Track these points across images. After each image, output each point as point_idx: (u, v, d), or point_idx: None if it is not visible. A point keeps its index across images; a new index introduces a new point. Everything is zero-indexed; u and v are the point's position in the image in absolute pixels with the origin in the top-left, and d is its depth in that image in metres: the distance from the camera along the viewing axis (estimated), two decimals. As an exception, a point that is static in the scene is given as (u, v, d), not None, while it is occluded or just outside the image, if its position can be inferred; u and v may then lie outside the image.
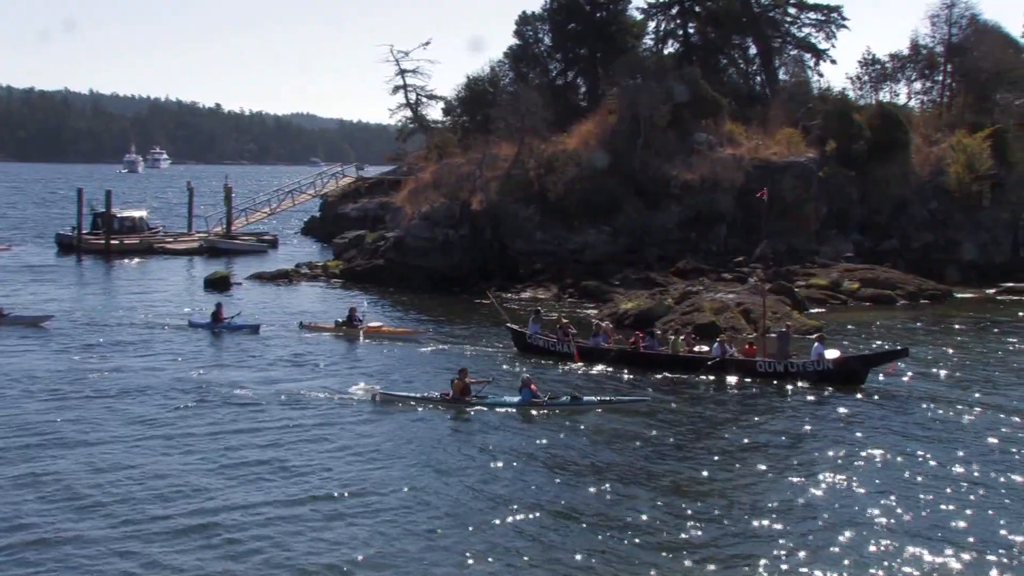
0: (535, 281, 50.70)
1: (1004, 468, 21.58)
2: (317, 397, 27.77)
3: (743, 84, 70.03)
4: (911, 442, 23.59)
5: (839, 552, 17.07)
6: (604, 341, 34.17)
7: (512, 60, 68.17)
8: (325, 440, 23.64)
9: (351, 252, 59.58)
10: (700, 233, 54.26)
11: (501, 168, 55.28)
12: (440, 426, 25.46)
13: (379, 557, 16.88)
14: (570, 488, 20.49)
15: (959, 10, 68.68)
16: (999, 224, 57.99)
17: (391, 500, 19.63)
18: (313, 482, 20.55)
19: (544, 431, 24.83)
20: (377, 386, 28.26)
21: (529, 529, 18.15)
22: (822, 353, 30.70)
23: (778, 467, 21.86)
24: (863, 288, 48.77)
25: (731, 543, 17.50)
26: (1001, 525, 18.15)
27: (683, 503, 19.39)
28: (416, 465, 21.88)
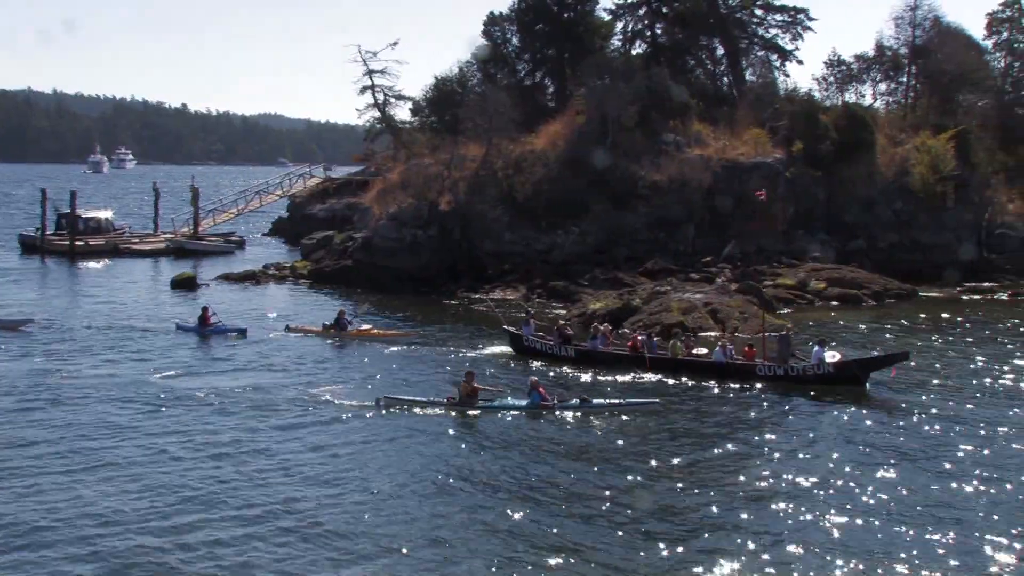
0: (503, 281, 50.65)
1: (994, 479, 21.40)
2: (316, 401, 27.42)
3: (710, 85, 70.32)
4: (909, 450, 23.40)
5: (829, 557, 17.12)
6: (602, 344, 33.90)
7: (480, 60, 68.12)
8: (325, 445, 23.44)
9: (319, 253, 59.36)
10: (668, 233, 54.42)
11: (469, 168, 55.22)
12: (444, 430, 25.11)
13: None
14: (563, 489, 20.49)
15: (923, 12, 69.40)
16: (963, 224, 58.55)
17: (400, 498, 19.77)
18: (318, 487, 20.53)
19: (555, 434, 24.76)
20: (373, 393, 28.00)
21: (527, 532, 18.16)
22: (822, 356, 30.55)
23: (778, 474, 21.55)
24: (830, 288, 49.10)
25: (718, 547, 17.47)
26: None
27: (678, 507, 19.39)
28: (400, 469, 21.75)
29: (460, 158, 55.78)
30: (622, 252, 52.93)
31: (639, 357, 32.65)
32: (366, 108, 71.67)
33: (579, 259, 52.23)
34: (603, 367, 32.47)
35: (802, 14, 71.46)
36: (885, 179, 58.88)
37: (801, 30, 71.85)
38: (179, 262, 62.04)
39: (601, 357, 33.21)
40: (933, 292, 51.64)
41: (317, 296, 49.94)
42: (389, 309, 45.84)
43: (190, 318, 39.69)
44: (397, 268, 51.76)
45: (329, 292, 50.85)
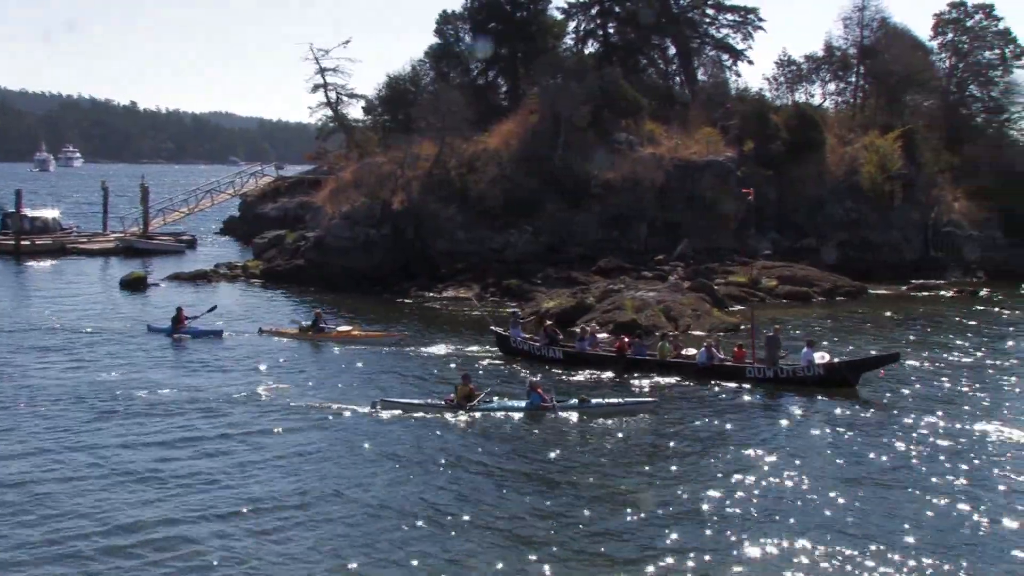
0: (457, 280, 50.61)
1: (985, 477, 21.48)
2: (303, 404, 26.97)
3: (663, 84, 70.75)
4: (894, 457, 23.09)
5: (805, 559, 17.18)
6: (589, 346, 33.57)
7: (433, 59, 68.04)
8: (316, 450, 23.11)
9: (271, 252, 58.96)
10: (621, 232, 54.68)
11: (422, 167, 55.12)
12: (441, 432, 24.81)
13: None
14: (542, 493, 20.42)
15: (870, 13, 70.40)
16: (910, 223, 59.41)
17: (385, 502, 19.64)
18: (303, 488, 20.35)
19: (550, 435, 24.73)
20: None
21: (508, 530, 18.17)
22: (812, 358, 30.32)
23: (764, 475, 21.47)
24: (781, 285, 49.62)
25: (696, 548, 17.47)
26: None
27: (663, 509, 19.35)
28: (383, 473, 21.57)
29: (413, 157, 55.65)
30: (575, 251, 53.12)
31: (627, 359, 32.39)
32: (318, 106, 71.39)
33: (532, 258, 52.34)
34: (591, 368, 32.19)
35: (752, 14, 72.34)
36: (835, 178, 59.64)
37: (752, 30, 72.77)
38: (129, 262, 61.26)
39: (589, 358, 32.88)
40: (882, 290, 52.33)
41: (270, 295, 49.57)
42: (342, 308, 45.61)
43: (162, 319, 38.95)
44: (350, 267, 51.54)
45: (282, 291, 50.52)
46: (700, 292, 44.56)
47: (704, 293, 44.52)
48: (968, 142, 67.49)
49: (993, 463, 22.57)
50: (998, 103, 71.60)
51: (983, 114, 72.30)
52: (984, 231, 61.47)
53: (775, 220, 58.54)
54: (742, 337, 35.64)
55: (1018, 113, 71.33)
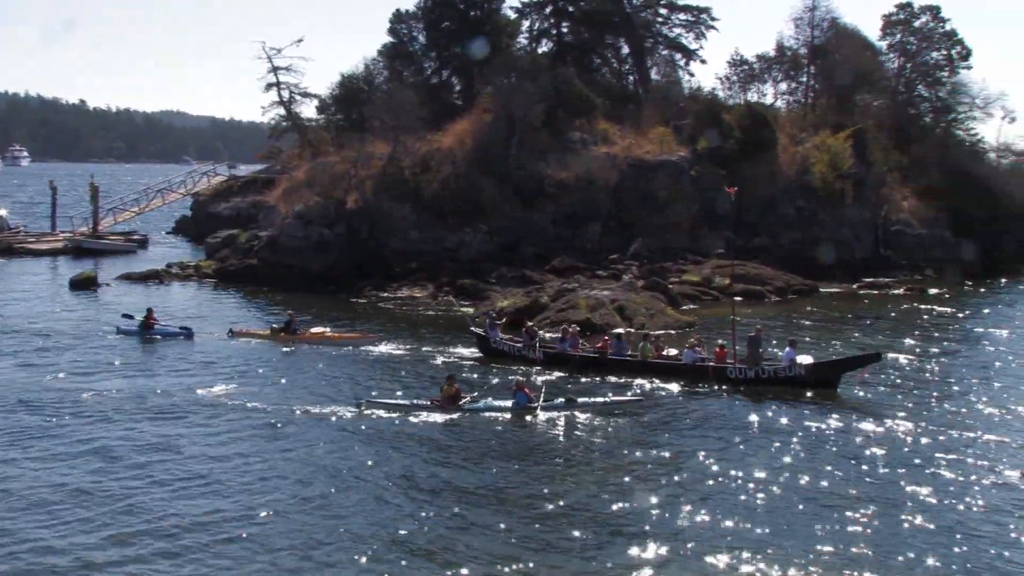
0: (411, 280, 50.50)
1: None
2: (284, 406, 26.63)
3: (616, 83, 71.00)
4: (877, 456, 23.09)
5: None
6: (571, 347, 33.19)
7: (386, 58, 67.80)
8: (305, 453, 22.88)
9: (224, 251, 58.51)
10: (575, 231, 54.84)
11: (376, 167, 54.95)
12: (425, 433, 24.68)
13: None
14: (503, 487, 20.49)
15: (820, 13, 71.12)
16: (861, 222, 60.07)
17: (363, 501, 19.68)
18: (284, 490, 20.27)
19: (538, 434, 24.74)
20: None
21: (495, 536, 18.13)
22: (794, 358, 30.26)
23: (735, 481, 21.34)
24: (734, 284, 49.96)
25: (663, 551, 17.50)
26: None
27: (646, 508, 19.38)
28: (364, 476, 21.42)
29: (367, 156, 55.47)
30: (529, 250, 53.19)
31: (608, 360, 32.15)
32: (271, 105, 70.69)
33: (487, 257, 52.35)
34: (572, 369, 31.92)
35: (705, 14, 72.88)
36: (787, 177, 60.13)
37: (704, 29, 73.27)
38: (78, 261, 60.42)
39: (570, 359, 32.60)
40: (833, 288, 52.87)
41: (223, 295, 49.15)
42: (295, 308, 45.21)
43: (132, 319, 38.19)
44: (304, 267, 51.28)
45: (235, 291, 50.12)
46: (654, 291, 44.84)
47: (658, 292, 44.80)
48: (916, 142, 68.42)
49: (972, 466, 22.47)
50: (945, 103, 72.66)
51: (931, 114, 73.33)
52: (933, 230, 62.29)
53: (728, 219, 58.89)
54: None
55: (965, 113, 72.44)
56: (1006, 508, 19.82)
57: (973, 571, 16.93)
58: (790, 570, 16.66)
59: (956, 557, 17.39)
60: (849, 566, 16.87)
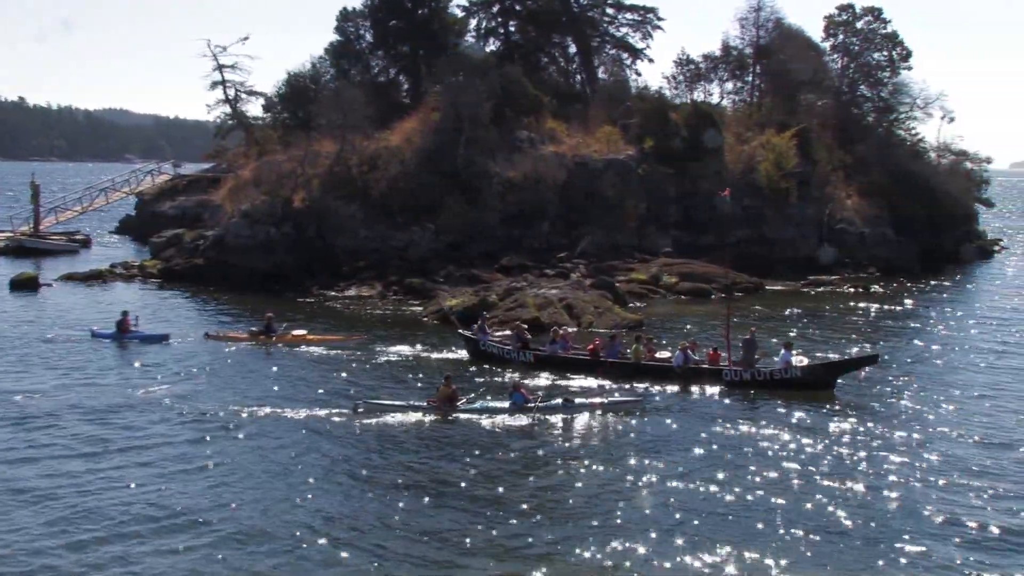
0: (359, 279, 50.33)
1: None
2: (274, 409, 26.40)
3: (564, 82, 71.21)
4: (871, 458, 23.05)
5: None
6: (561, 348, 32.92)
7: (333, 56, 67.46)
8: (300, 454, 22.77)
9: (169, 251, 57.85)
10: (523, 230, 54.93)
11: (323, 165, 54.67)
12: (423, 433, 24.65)
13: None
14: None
15: (765, 14, 71.88)
16: (806, 220, 60.78)
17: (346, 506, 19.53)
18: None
19: (533, 435, 24.74)
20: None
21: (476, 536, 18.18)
22: (789, 360, 30.03)
23: (729, 479, 21.31)
24: (681, 282, 50.37)
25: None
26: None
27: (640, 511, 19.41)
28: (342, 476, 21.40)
29: (314, 155, 55.18)
30: (478, 248, 53.21)
31: (600, 362, 31.81)
32: (216, 104, 70.15)
33: (435, 256, 52.27)
34: (563, 371, 31.50)
35: (651, 13, 73.29)
36: (733, 176, 60.62)
37: (651, 29, 73.66)
38: (19, 261, 59.43)
39: (561, 361, 32.24)
40: (778, 286, 53.47)
41: (169, 295, 48.59)
42: (242, 308, 44.99)
43: (106, 323, 37.57)
44: (250, 266, 50.83)
45: (180, 291, 49.60)
46: (601, 289, 45.08)
47: (605, 290, 45.04)
48: (859, 141, 69.36)
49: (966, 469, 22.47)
50: (887, 103, 73.78)
51: (873, 114, 74.39)
52: (875, 228, 63.18)
53: (675, 217, 59.33)
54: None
55: (905, 113, 73.63)
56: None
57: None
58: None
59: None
60: (833, 565, 17.07)
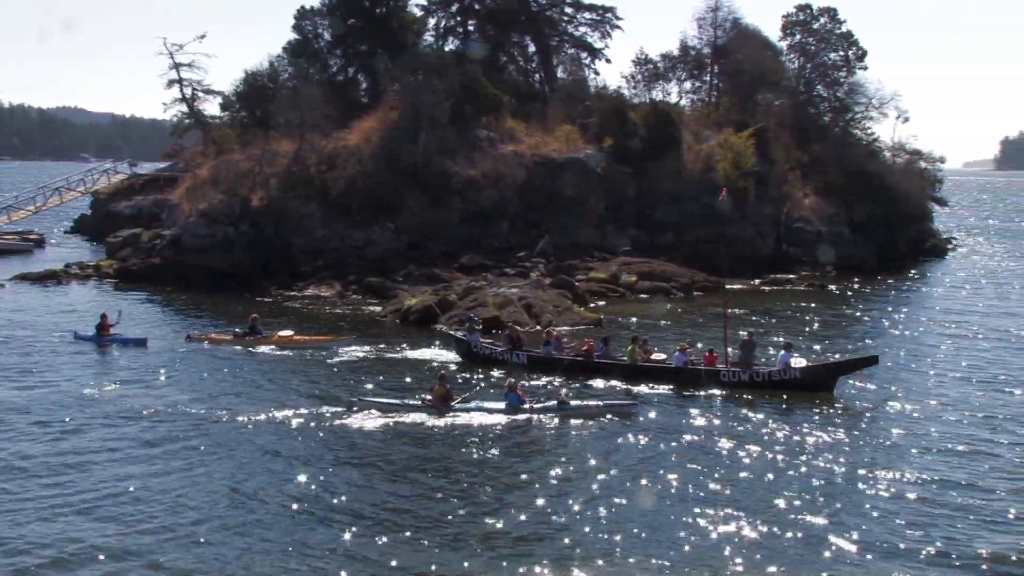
0: (318, 279, 50.10)
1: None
2: (264, 411, 26.10)
3: (523, 82, 71.25)
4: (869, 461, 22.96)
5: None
6: (555, 349, 32.44)
7: (291, 55, 67.07)
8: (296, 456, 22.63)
9: (125, 251, 57.31)
10: (483, 229, 54.91)
11: (281, 164, 54.36)
12: (415, 433, 24.64)
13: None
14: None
15: (723, 14, 72.37)
16: (764, 219, 61.19)
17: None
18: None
19: (525, 437, 24.67)
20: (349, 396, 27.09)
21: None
22: (788, 361, 29.68)
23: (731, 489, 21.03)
24: (640, 281, 50.56)
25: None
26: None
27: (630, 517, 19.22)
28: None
29: (272, 154, 54.86)
30: (437, 248, 53.12)
31: (595, 363, 31.34)
32: (173, 102, 69.50)
33: (394, 255, 52.11)
34: (556, 373, 30.86)
35: (610, 13, 73.42)
36: (692, 175, 60.89)
37: (609, 29, 73.82)
38: (-29, 262, 58.66)
39: (555, 363, 31.66)
40: (737, 284, 53.76)
41: (125, 295, 48.08)
42: (199, 308, 44.66)
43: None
44: (208, 266, 50.45)
45: (137, 291, 49.13)
46: (561, 289, 45.19)
47: (565, 289, 45.15)
48: (816, 141, 69.93)
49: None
50: (843, 103, 74.43)
51: (829, 113, 75.03)
52: (832, 227, 63.70)
53: (634, 216, 59.52)
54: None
55: (861, 113, 74.32)
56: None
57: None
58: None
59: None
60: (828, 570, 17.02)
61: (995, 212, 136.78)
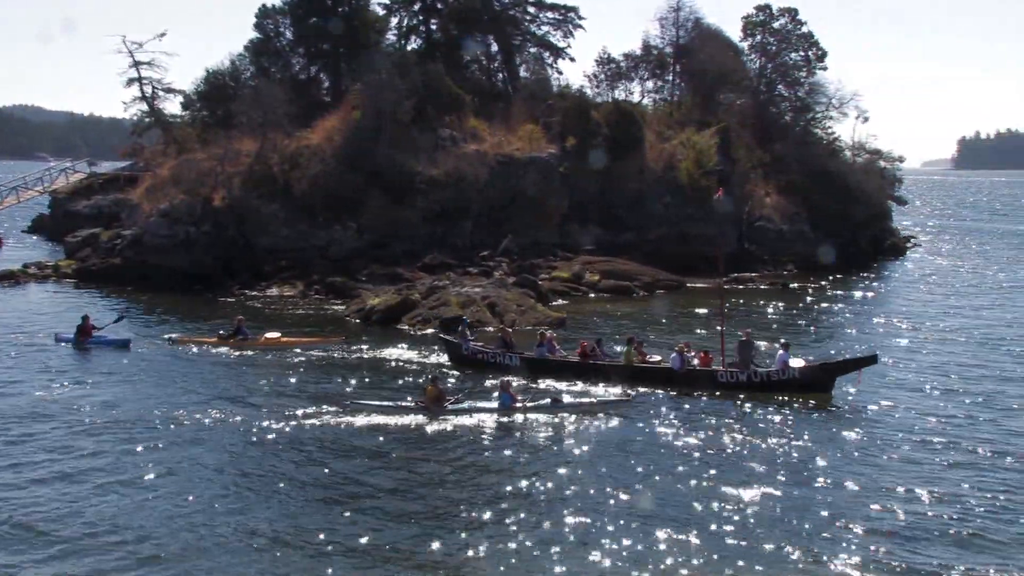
0: (281, 278, 49.88)
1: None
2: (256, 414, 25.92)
3: (485, 81, 71.22)
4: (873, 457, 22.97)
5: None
6: (548, 351, 31.89)
7: (253, 54, 66.65)
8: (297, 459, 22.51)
9: (85, 251, 56.77)
10: (446, 228, 54.81)
11: (243, 164, 54.05)
12: (409, 434, 24.60)
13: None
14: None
15: (685, 14, 72.71)
16: (726, 217, 61.47)
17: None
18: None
19: (518, 437, 24.60)
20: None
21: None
22: (787, 361, 29.39)
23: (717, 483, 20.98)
24: (603, 280, 50.71)
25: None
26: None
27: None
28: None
29: (234, 153, 54.51)
30: (400, 247, 52.99)
31: (590, 365, 30.95)
32: (133, 101, 68.78)
33: (357, 255, 51.95)
34: (551, 376, 30.43)
35: (572, 12, 73.49)
36: (654, 174, 61.13)
37: (572, 28, 73.88)
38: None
39: (549, 365, 31.16)
40: (699, 283, 54.05)
41: (84, 296, 47.65)
42: (160, 308, 44.30)
43: (68, 328, 36.45)
44: (170, 266, 50.09)
45: (97, 291, 48.70)
46: (524, 287, 45.24)
47: (528, 288, 45.21)
48: (777, 140, 70.43)
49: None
50: (804, 103, 74.99)
51: (790, 113, 75.57)
52: (793, 225, 64.19)
53: (597, 215, 59.65)
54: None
55: (822, 112, 74.90)
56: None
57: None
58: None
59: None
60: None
61: (953, 211, 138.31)
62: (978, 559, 17.43)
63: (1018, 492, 20.71)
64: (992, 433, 25.08)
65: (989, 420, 26.38)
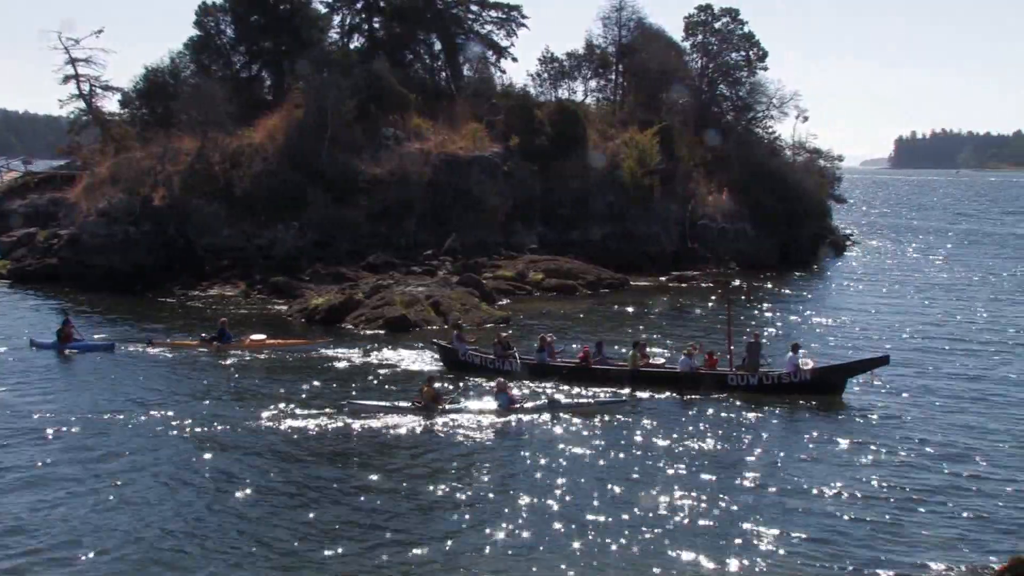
0: (222, 278, 49.39)
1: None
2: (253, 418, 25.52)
3: (429, 79, 71.03)
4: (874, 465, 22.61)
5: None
6: (549, 355, 31.19)
7: (193, 51, 65.88)
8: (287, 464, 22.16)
9: (20, 251, 55.80)
10: (390, 227, 54.58)
11: (184, 162, 53.44)
12: (406, 434, 24.45)
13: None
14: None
15: (627, 13, 73.02)
16: (669, 216, 61.89)
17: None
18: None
19: (516, 438, 24.46)
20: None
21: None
22: (797, 363, 28.98)
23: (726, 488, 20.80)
24: (547, 279, 50.77)
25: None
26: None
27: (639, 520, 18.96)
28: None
29: (173, 151, 53.88)
30: (343, 246, 52.70)
31: (594, 370, 30.36)
32: (69, 99, 67.70)
33: (300, 254, 51.60)
34: (552, 381, 29.84)
35: (515, 11, 73.54)
36: (597, 173, 61.29)
37: (515, 27, 73.92)
38: None
39: (549, 370, 30.50)
40: (643, 281, 54.32)
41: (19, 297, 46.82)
42: (98, 309, 43.66)
43: (45, 332, 35.66)
44: (108, 266, 49.42)
45: (33, 293, 47.90)
46: (468, 287, 45.18)
47: (472, 287, 45.16)
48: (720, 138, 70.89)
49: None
50: (745, 102, 75.65)
51: (732, 112, 76.18)
52: (735, 223, 64.70)
53: (541, 214, 59.70)
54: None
55: (763, 112, 75.60)
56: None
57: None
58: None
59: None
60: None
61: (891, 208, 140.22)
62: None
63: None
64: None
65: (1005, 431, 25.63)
